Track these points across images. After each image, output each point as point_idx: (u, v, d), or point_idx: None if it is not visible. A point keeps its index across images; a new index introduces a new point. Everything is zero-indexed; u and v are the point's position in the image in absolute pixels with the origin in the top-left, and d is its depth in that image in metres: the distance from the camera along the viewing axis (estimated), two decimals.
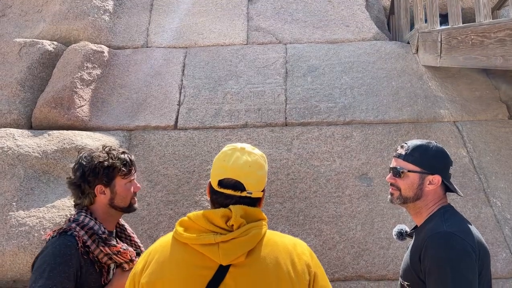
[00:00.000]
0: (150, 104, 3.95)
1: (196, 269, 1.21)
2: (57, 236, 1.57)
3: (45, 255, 1.52)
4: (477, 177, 3.36)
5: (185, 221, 1.29)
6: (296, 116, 3.81)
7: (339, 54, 4.30)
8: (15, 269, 2.85)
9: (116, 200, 1.73)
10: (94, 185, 1.68)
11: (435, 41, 3.88)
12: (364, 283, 2.92)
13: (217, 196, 1.30)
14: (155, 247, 1.32)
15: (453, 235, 1.44)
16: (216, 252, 1.19)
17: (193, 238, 1.22)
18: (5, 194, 3.04)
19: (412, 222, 2.87)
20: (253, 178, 1.30)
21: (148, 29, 4.69)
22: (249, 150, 1.35)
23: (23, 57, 4.07)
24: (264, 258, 1.23)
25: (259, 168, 1.33)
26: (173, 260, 1.23)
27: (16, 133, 3.39)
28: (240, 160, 1.30)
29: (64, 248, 1.53)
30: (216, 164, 1.35)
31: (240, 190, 1.28)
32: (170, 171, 3.48)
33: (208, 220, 1.24)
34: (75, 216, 1.68)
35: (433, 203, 1.62)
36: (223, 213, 1.24)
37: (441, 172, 1.61)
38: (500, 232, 3.07)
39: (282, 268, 1.22)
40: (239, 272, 1.20)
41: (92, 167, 1.67)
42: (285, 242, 1.31)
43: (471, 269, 1.39)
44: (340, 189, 3.35)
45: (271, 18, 4.75)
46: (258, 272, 1.21)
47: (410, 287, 1.57)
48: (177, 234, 1.26)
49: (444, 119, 3.74)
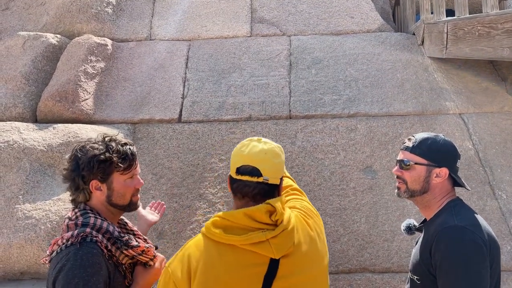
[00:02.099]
0: (154, 97, 3.95)
1: (250, 267, 1.23)
2: (77, 245, 1.40)
3: (72, 268, 1.34)
4: (483, 170, 3.34)
5: (219, 221, 1.29)
6: (300, 109, 3.80)
7: (343, 46, 4.27)
8: (22, 262, 2.88)
9: (113, 197, 1.56)
10: (89, 180, 1.51)
11: (441, 32, 3.84)
12: (369, 275, 2.93)
13: (237, 185, 1.34)
14: (192, 253, 1.28)
15: (464, 229, 1.43)
16: (268, 248, 1.23)
17: (242, 239, 1.23)
18: (11, 187, 3.06)
19: (417, 215, 2.88)
20: (269, 165, 1.34)
21: (152, 22, 4.67)
22: (265, 140, 1.41)
23: (27, 50, 4.08)
24: (299, 240, 1.31)
25: (274, 156, 1.37)
26: (225, 263, 1.23)
27: (21, 126, 3.41)
28: (256, 148, 1.36)
29: (92, 257, 1.38)
30: (234, 154, 1.41)
31: (257, 176, 1.31)
32: (175, 164, 3.49)
33: (251, 218, 1.26)
34: (81, 218, 1.49)
35: (441, 197, 1.60)
36: (266, 209, 1.27)
37: (448, 165, 1.59)
38: (505, 224, 3.06)
39: (314, 240, 1.36)
40: (289, 260, 1.26)
41: (86, 160, 1.49)
42: (296, 216, 1.39)
43: (482, 263, 1.38)
44: (344, 182, 3.34)
45: (275, 9, 4.71)
46: (303, 255, 1.30)
47: (420, 281, 1.56)
48: (217, 236, 1.26)
49: (449, 111, 3.71)
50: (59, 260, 1.39)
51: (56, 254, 1.42)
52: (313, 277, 1.33)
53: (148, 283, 1.58)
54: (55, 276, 1.36)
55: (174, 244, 3.06)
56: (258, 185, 1.32)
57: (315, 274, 1.33)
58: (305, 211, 1.47)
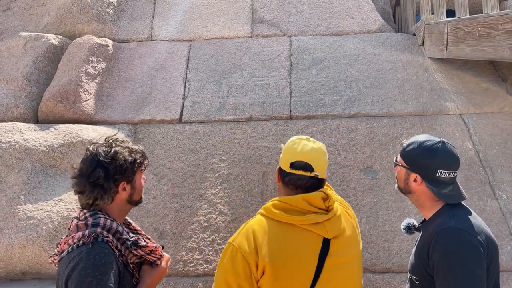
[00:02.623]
0: (155, 98, 3.96)
1: (307, 243, 1.42)
2: (89, 244, 1.43)
3: (85, 267, 1.37)
4: (483, 170, 3.35)
5: (278, 204, 1.48)
6: (301, 109, 3.80)
7: (344, 47, 4.27)
8: (24, 262, 2.89)
9: (134, 195, 1.66)
10: (119, 183, 1.58)
11: (442, 33, 3.84)
12: (369, 275, 2.94)
13: (290, 177, 1.52)
14: (257, 229, 1.44)
15: (461, 230, 1.44)
16: (323, 229, 1.44)
17: (302, 219, 1.43)
18: (13, 188, 3.07)
19: (418, 215, 2.88)
20: (319, 162, 1.52)
21: (152, 22, 4.68)
22: (313, 140, 1.59)
23: (28, 51, 4.09)
24: (344, 226, 1.52)
25: (323, 154, 1.56)
26: (286, 239, 1.41)
27: (22, 127, 3.42)
28: (307, 147, 1.54)
29: (104, 257, 1.42)
30: (286, 151, 1.57)
31: (310, 171, 1.49)
32: (176, 164, 3.49)
33: (308, 202, 1.46)
34: (90, 218, 1.52)
35: (429, 201, 1.61)
36: (321, 196, 1.48)
37: (422, 172, 1.59)
38: (506, 225, 3.06)
39: (354, 227, 1.58)
40: (338, 241, 1.47)
41: (118, 164, 1.57)
42: (339, 205, 1.60)
43: (479, 264, 1.40)
44: (345, 182, 3.35)
45: (275, 10, 4.72)
46: (348, 238, 1.51)
47: (419, 282, 1.57)
48: (278, 216, 1.44)
49: (450, 112, 3.72)
50: (71, 260, 1.41)
51: (67, 254, 1.45)
52: (353, 258, 1.53)
53: (155, 282, 1.62)
54: (67, 275, 1.38)
55: (175, 244, 3.07)
56: (310, 179, 1.50)
57: (354, 255, 1.53)
58: (341, 202, 1.67)
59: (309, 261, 1.40)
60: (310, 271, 1.39)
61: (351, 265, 1.51)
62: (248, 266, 1.37)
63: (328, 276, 1.41)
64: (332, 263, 1.43)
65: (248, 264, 1.37)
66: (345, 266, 1.48)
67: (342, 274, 1.47)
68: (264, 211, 1.49)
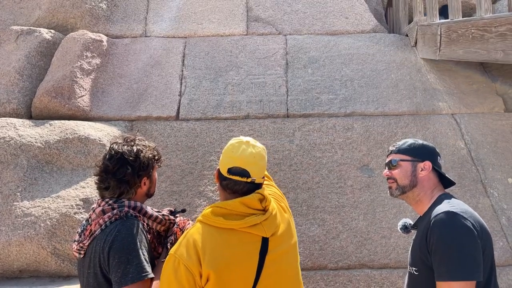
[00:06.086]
0: (151, 95, 3.93)
1: (248, 244, 1.48)
2: (123, 218, 1.63)
3: (124, 237, 1.56)
4: (475, 169, 3.45)
5: (217, 210, 1.50)
6: (298, 108, 3.84)
7: (338, 46, 4.33)
8: (22, 259, 2.84)
9: (151, 188, 1.84)
10: (142, 178, 1.76)
11: (435, 34, 3.93)
12: (367, 271, 3.00)
13: (227, 182, 1.55)
14: (197, 238, 1.46)
15: (456, 214, 1.52)
16: (261, 229, 1.50)
17: (241, 223, 1.47)
18: (9, 184, 3.02)
19: (413, 213, 2.95)
20: (256, 167, 1.55)
21: (147, 18, 4.64)
22: (253, 143, 1.61)
23: (20, 45, 4.00)
24: (279, 221, 1.59)
25: (261, 159, 1.59)
26: (227, 243, 1.45)
27: (17, 122, 3.36)
28: (246, 152, 1.56)
29: (137, 227, 1.61)
30: (225, 155, 1.59)
31: (246, 176, 1.53)
32: (174, 161, 3.49)
33: (246, 205, 1.50)
34: (115, 204, 1.67)
35: (430, 190, 1.73)
36: (258, 197, 1.53)
37: (430, 158, 1.75)
38: (497, 221, 3.17)
39: (287, 220, 1.66)
40: (275, 238, 1.53)
41: (141, 161, 1.74)
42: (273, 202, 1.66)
43: (474, 245, 1.47)
44: (342, 180, 3.41)
45: (270, 8, 4.74)
46: (283, 233, 1.58)
47: (418, 272, 1.63)
48: (218, 223, 1.47)
49: (442, 112, 3.82)
50: (107, 234, 1.59)
51: (102, 231, 1.61)
52: (290, 249, 1.61)
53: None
54: (109, 246, 1.55)
55: None
56: (247, 184, 1.54)
57: (290, 246, 1.62)
58: (276, 197, 1.74)
59: (251, 261, 1.45)
60: (252, 270, 1.45)
61: (288, 255, 1.59)
62: (192, 276, 1.38)
63: (269, 272, 1.48)
64: (271, 259, 1.49)
65: (191, 274, 1.38)
66: (283, 258, 1.56)
67: (281, 266, 1.54)
68: (203, 218, 1.50)
